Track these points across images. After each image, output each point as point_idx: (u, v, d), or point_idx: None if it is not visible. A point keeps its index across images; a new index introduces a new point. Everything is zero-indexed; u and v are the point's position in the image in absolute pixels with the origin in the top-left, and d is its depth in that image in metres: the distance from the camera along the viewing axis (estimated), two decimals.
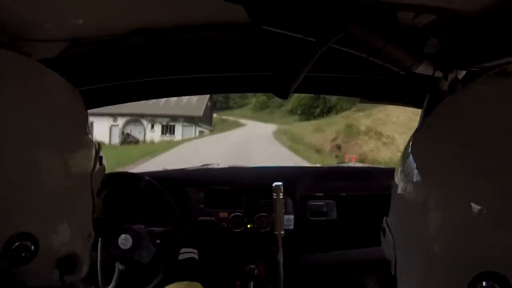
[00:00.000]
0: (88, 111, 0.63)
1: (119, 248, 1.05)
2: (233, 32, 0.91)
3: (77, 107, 0.58)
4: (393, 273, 0.53)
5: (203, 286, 1.33)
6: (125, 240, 1.05)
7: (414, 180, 0.45)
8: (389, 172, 1.60)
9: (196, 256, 1.08)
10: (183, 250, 1.06)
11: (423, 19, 0.82)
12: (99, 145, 0.61)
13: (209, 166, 1.65)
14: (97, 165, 0.59)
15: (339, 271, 1.39)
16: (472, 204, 0.38)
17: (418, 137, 0.52)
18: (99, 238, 1.10)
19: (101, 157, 0.61)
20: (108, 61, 1.00)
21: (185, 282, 0.82)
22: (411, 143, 0.51)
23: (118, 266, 1.10)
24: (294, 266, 1.29)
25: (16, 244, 0.45)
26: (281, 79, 0.86)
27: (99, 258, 1.11)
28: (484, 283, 0.37)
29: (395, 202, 0.51)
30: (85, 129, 0.57)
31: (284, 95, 1.00)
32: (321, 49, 0.76)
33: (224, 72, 1.12)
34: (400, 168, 0.50)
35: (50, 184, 0.49)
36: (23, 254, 0.46)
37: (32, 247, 0.46)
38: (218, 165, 1.67)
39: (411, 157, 0.48)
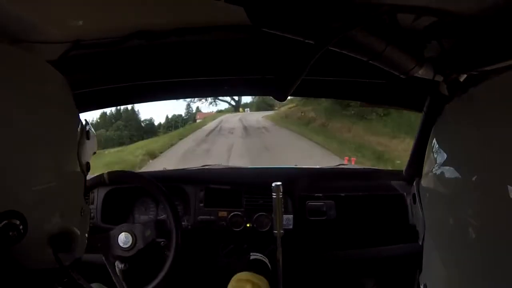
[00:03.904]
0: None
1: (121, 248, 1.06)
2: (234, 34, 0.91)
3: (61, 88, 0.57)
4: (420, 243, 0.56)
5: (203, 283, 1.34)
6: (125, 239, 1.06)
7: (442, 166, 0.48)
8: (387, 174, 1.61)
9: (267, 263, 1.16)
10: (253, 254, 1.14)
11: (423, 22, 0.82)
12: (86, 121, 0.62)
13: (209, 167, 1.65)
14: (84, 140, 0.58)
15: (338, 271, 1.40)
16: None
17: (440, 126, 0.54)
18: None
19: (87, 132, 0.60)
20: (109, 63, 1.00)
21: (256, 275, 0.88)
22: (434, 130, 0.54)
23: (118, 266, 1.10)
24: (293, 265, 1.29)
25: (4, 222, 0.44)
26: (279, 82, 0.86)
27: (105, 261, 1.11)
28: None
29: (425, 187, 0.54)
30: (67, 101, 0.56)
31: (282, 98, 1.01)
32: (318, 52, 0.76)
33: (224, 74, 1.12)
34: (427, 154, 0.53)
35: (33, 159, 0.48)
36: (11, 233, 0.44)
37: (21, 226, 0.45)
38: (218, 166, 1.67)
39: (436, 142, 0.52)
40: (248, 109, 30.53)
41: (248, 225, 1.34)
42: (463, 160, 0.45)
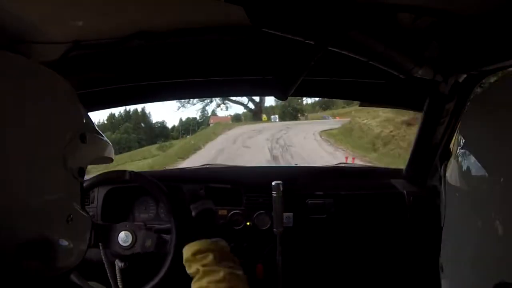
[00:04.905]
0: None
1: (120, 246, 1.07)
2: (234, 35, 0.91)
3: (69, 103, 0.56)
4: (442, 225, 0.58)
5: None
6: (125, 237, 1.07)
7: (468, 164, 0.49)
8: (387, 172, 1.60)
9: (212, 207, 1.04)
10: (193, 205, 1.03)
11: (423, 22, 0.82)
12: (84, 124, 0.58)
13: (209, 166, 1.65)
14: (77, 143, 0.53)
15: (338, 269, 1.40)
16: None
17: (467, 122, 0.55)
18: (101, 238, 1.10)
19: (83, 135, 0.55)
20: (109, 63, 1.00)
21: (210, 240, 0.77)
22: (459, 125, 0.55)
23: (118, 264, 1.11)
24: (293, 263, 1.30)
25: None
26: (281, 82, 0.87)
27: (104, 258, 1.12)
28: None
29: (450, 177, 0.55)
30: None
31: (284, 97, 1.02)
32: (319, 52, 0.77)
33: (224, 75, 1.12)
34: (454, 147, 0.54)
35: (4, 159, 0.43)
36: None
37: None
38: (218, 165, 1.68)
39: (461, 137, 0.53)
40: (277, 116, 19.94)
41: (248, 223, 1.34)
42: (487, 157, 0.46)
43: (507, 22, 0.73)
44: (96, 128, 0.62)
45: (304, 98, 20.07)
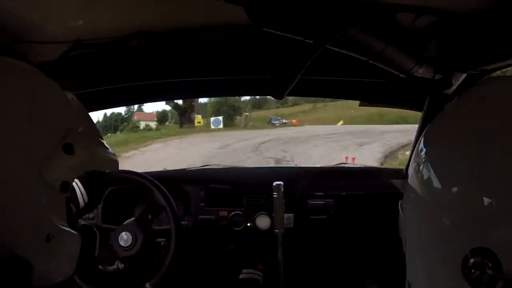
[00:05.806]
0: None
1: (121, 246, 1.07)
2: (233, 35, 0.91)
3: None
4: (404, 251, 0.60)
5: (204, 282, 1.35)
6: (126, 238, 1.07)
7: (426, 165, 0.51)
8: (388, 172, 1.60)
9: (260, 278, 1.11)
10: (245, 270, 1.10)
11: (423, 22, 0.82)
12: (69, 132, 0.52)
13: (209, 167, 1.65)
14: (61, 155, 0.49)
15: (339, 269, 1.40)
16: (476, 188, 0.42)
17: (430, 131, 0.56)
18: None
19: (70, 145, 0.50)
20: (109, 63, 1.00)
21: None
22: (423, 137, 0.55)
23: (118, 265, 1.11)
24: (294, 264, 1.30)
25: None
26: (278, 81, 0.87)
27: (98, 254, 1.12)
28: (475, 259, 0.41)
29: (408, 188, 0.56)
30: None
31: (280, 96, 1.02)
32: (316, 51, 0.77)
33: (224, 75, 1.13)
34: (414, 158, 0.56)
35: None
36: None
37: None
38: (218, 166, 1.68)
39: (423, 148, 0.54)
40: (220, 119, 12.81)
41: (248, 224, 1.34)
42: (447, 168, 0.47)
43: (507, 22, 0.73)
44: (102, 139, 0.58)
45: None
